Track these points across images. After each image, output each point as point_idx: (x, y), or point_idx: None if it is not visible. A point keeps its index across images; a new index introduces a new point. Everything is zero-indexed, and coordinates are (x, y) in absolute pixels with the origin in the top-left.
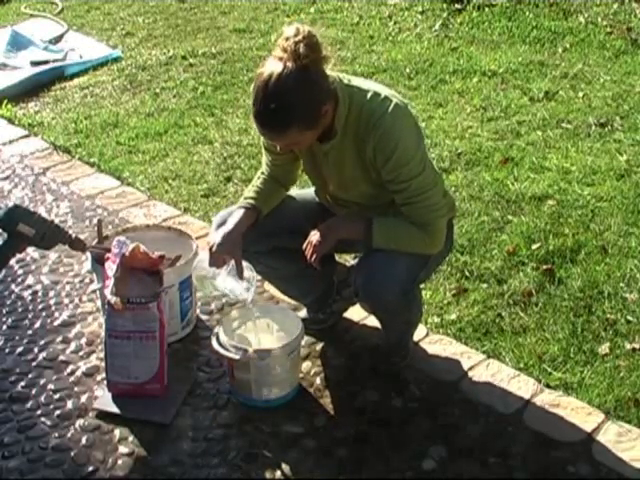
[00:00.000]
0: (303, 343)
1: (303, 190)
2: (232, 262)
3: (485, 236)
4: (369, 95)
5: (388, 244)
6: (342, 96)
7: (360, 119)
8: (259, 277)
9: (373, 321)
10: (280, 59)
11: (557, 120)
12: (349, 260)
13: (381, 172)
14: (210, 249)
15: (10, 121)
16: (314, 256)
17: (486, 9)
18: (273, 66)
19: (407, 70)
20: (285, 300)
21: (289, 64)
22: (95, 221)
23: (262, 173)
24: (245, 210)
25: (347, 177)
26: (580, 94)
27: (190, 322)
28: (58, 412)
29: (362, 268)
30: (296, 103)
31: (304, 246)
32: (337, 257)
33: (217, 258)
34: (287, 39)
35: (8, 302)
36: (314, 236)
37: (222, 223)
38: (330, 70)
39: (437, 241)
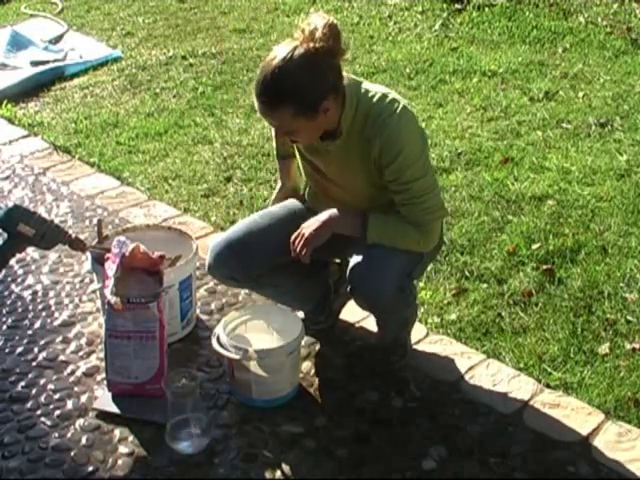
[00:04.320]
0: (303, 343)
1: (284, 203)
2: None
3: (485, 236)
4: (377, 96)
5: (382, 240)
6: (350, 97)
7: (367, 119)
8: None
9: (372, 321)
10: (296, 39)
11: (557, 120)
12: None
13: (384, 171)
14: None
15: (10, 121)
16: (305, 250)
17: (486, 9)
18: (286, 44)
19: (407, 70)
20: None
21: (302, 45)
22: (95, 221)
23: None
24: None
25: (349, 177)
26: (580, 94)
27: (190, 322)
28: (58, 412)
29: (357, 267)
30: (295, 81)
31: (292, 238)
32: None
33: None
34: (309, 23)
35: (8, 302)
36: (307, 228)
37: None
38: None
39: (430, 242)
